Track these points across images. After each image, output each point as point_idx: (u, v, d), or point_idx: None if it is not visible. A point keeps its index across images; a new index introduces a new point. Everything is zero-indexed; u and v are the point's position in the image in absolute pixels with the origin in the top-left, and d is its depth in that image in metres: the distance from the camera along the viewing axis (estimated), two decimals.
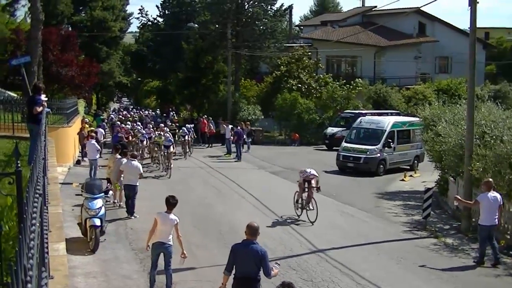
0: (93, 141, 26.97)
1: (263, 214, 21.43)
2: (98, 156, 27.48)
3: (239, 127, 38.99)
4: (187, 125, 41.32)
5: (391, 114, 41.45)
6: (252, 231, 10.25)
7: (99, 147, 27.63)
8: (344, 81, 53.62)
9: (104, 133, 36.08)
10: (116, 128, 38.14)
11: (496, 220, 16.16)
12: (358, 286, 14.04)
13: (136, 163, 20.73)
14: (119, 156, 21.66)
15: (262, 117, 53.54)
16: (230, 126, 41.44)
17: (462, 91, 50.81)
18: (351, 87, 52.40)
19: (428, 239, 19.07)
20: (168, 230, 12.83)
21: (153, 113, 68.63)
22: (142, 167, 22.41)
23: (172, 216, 12.89)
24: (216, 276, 14.49)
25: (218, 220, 20.54)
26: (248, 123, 44.74)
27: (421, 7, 53.10)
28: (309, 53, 56.39)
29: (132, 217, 20.00)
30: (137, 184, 20.45)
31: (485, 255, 16.16)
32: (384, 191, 28.08)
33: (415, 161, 34.80)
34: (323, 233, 19.05)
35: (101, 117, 52.65)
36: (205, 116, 48.58)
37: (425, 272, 15.42)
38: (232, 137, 39.19)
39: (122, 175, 20.72)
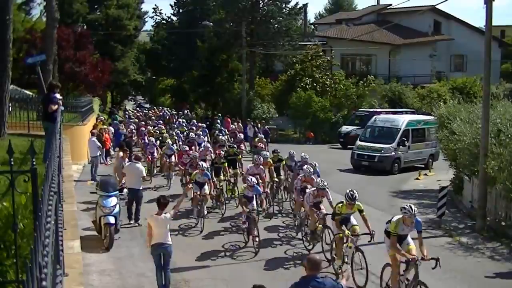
0: (94, 138, 26.94)
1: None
2: (99, 153, 27.43)
3: (266, 127, 39.35)
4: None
5: (406, 112, 41.34)
6: (314, 265, 8.33)
7: (99, 144, 27.58)
8: (357, 78, 53.52)
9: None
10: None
11: None
12: (372, 284, 14.00)
13: (139, 165, 19.73)
14: (121, 154, 21.59)
15: (277, 115, 53.54)
16: (252, 124, 41.71)
17: (477, 89, 50.59)
18: (364, 84, 52.28)
19: (443, 238, 19.00)
20: (164, 231, 12.77)
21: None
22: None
23: (162, 216, 12.76)
24: (231, 274, 14.56)
25: (233, 218, 20.57)
26: (263, 121, 44.81)
27: (436, 5, 52.63)
28: (321, 53, 56.14)
29: (137, 224, 18.98)
30: (141, 188, 19.54)
31: None
32: (398, 189, 27.99)
33: (430, 160, 34.65)
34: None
35: (117, 115, 51.92)
36: (227, 115, 48.52)
37: (439, 271, 15.34)
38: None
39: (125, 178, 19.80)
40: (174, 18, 75.37)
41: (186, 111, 56.52)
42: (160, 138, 31.67)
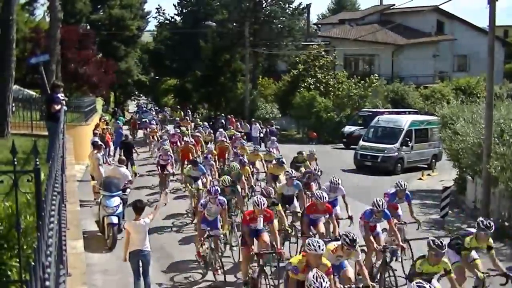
0: (96, 138, 26.91)
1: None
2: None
3: (273, 127, 39.57)
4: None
5: (409, 112, 41.31)
6: None
7: (102, 144, 27.47)
8: (359, 77, 53.37)
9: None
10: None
11: None
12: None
13: (123, 169, 19.30)
14: (96, 152, 21.41)
15: (280, 115, 53.52)
16: (258, 125, 41.72)
17: (480, 89, 50.53)
18: (366, 84, 52.13)
19: (446, 238, 18.96)
20: (143, 237, 12.41)
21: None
22: None
23: (141, 221, 12.43)
24: (231, 275, 14.53)
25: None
26: (272, 121, 44.85)
27: (439, 5, 52.61)
28: (323, 53, 56.00)
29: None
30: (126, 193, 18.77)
31: None
32: None
33: (433, 160, 34.60)
34: (341, 232, 18.96)
35: (121, 117, 50.43)
36: (231, 114, 48.52)
37: None
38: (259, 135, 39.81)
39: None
40: (178, 18, 75.38)
41: (188, 111, 56.53)
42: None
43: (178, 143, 29.93)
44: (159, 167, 23.68)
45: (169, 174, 23.46)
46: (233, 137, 31.47)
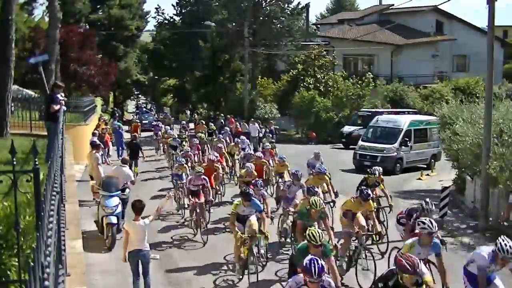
0: (95, 138, 26.88)
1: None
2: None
3: (273, 127, 39.55)
4: None
5: (408, 112, 41.31)
6: None
7: (101, 144, 27.35)
8: (357, 77, 53.26)
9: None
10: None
11: None
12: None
13: (127, 169, 19.00)
14: (94, 151, 21.27)
15: (279, 115, 53.51)
16: (256, 124, 41.68)
17: (479, 89, 50.54)
18: (363, 83, 52.03)
19: (445, 238, 18.94)
20: (141, 237, 12.37)
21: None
22: None
23: (141, 222, 12.36)
24: (232, 275, 14.51)
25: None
26: (271, 122, 44.87)
27: (438, 5, 52.65)
28: (323, 52, 55.96)
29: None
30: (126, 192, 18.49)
31: None
32: (400, 190, 27.94)
33: (432, 160, 34.62)
34: (339, 232, 18.96)
35: (119, 123, 46.41)
36: (231, 114, 48.49)
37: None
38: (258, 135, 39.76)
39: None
40: (177, 18, 75.32)
41: (187, 111, 56.54)
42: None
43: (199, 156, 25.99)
44: (190, 196, 18.55)
45: (208, 204, 19.13)
46: (263, 150, 26.24)
